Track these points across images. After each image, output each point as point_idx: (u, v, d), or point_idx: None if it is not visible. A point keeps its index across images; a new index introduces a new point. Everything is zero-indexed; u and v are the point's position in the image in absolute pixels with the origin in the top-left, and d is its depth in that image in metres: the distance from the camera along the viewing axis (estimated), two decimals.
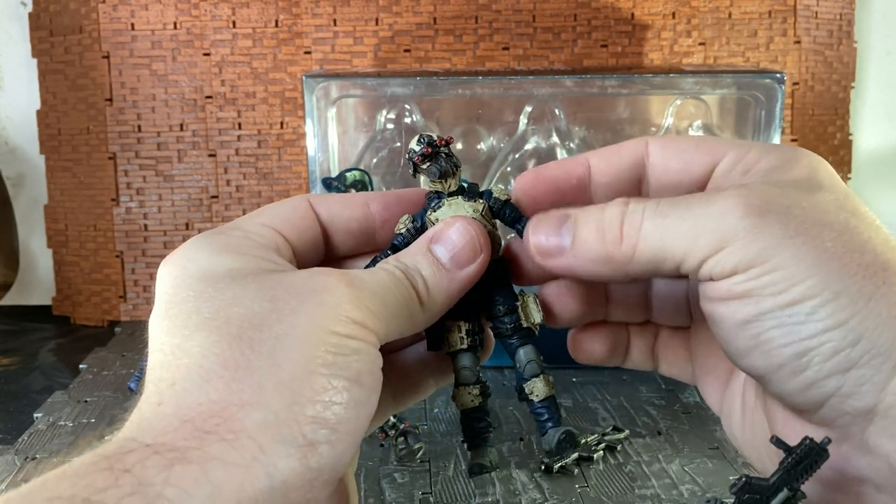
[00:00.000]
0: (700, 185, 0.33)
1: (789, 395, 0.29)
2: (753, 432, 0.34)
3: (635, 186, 0.35)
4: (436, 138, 0.35)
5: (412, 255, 0.33)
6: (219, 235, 0.32)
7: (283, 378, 0.27)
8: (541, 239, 0.33)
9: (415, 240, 0.34)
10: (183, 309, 0.29)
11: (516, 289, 0.36)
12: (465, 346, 0.35)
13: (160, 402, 0.27)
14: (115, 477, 0.24)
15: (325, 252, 0.36)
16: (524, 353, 0.35)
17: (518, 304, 0.35)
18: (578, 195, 0.35)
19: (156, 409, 0.27)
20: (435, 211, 0.35)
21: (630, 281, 0.34)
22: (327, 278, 0.29)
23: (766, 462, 0.33)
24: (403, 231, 0.35)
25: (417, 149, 0.35)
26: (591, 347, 0.37)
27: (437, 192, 0.35)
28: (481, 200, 0.35)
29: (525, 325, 0.35)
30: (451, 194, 0.35)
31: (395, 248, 0.35)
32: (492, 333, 0.36)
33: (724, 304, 0.29)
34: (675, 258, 0.30)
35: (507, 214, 0.35)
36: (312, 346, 0.27)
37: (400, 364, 0.37)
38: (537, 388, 0.34)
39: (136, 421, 0.27)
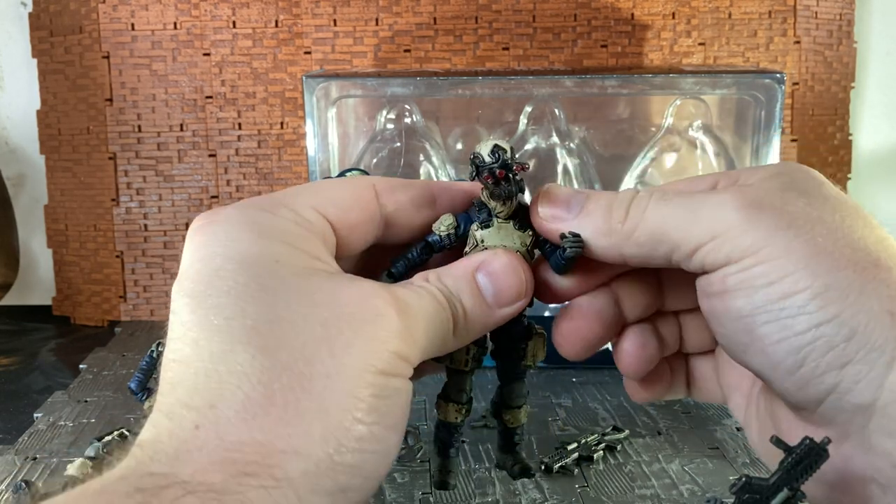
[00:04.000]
0: None
1: (789, 392, 0.29)
2: (765, 439, 0.34)
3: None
4: (513, 164, 0.32)
5: (456, 279, 0.32)
6: (265, 214, 0.30)
7: (329, 426, 0.26)
8: (553, 205, 0.33)
9: (453, 246, 0.33)
10: (226, 303, 0.27)
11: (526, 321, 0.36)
12: (467, 369, 0.35)
13: (198, 425, 0.25)
14: None
15: (375, 240, 0.34)
16: (516, 386, 0.37)
17: (529, 342, 0.36)
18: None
19: (193, 434, 0.25)
20: (482, 229, 0.33)
21: (621, 262, 0.33)
22: (380, 304, 0.28)
23: None
24: (444, 234, 0.33)
25: (488, 160, 0.32)
26: (646, 390, 0.38)
27: (486, 205, 0.33)
28: (530, 232, 0.33)
29: (528, 363, 0.36)
30: (503, 218, 0.33)
31: (429, 247, 0.34)
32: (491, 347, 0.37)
33: (719, 298, 0.30)
34: (671, 243, 0.30)
35: (547, 247, 0.34)
36: (359, 388, 0.26)
37: None
38: (515, 419, 0.37)
39: (171, 444, 0.25)
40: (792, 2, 0.93)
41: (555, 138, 0.83)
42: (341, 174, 0.75)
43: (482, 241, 0.33)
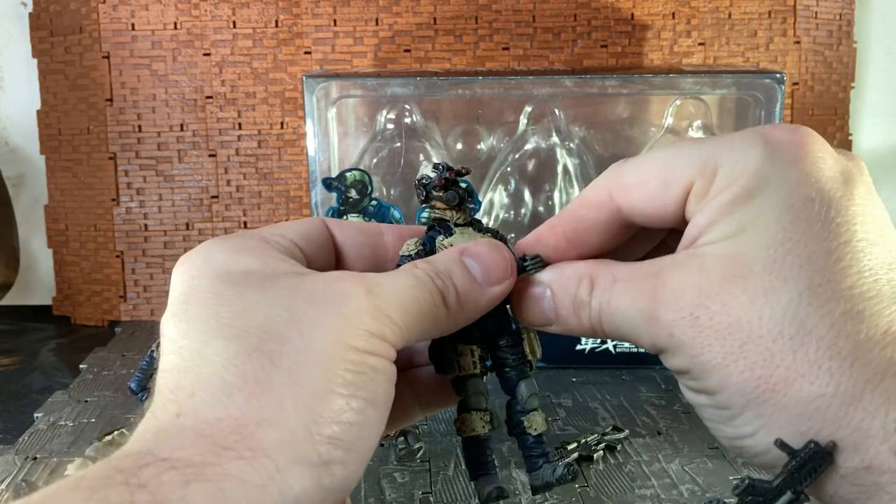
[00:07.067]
0: (678, 211, 0.32)
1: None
2: None
3: (622, 227, 0.34)
4: (456, 168, 0.35)
5: (445, 261, 0.33)
6: (236, 238, 0.32)
7: (302, 396, 0.27)
8: (533, 317, 0.34)
9: None
10: (201, 311, 0.29)
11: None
12: (477, 371, 0.35)
13: (178, 412, 0.27)
14: (130, 492, 0.24)
15: (333, 267, 0.36)
16: (526, 387, 0.35)
17: (523, 338, 0.35)
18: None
19: (174, 421, 0.26)
20: (447, 237, 0.35)
21: None
22: (346, 286, 0.29)
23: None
24: (413, 252, 0.34)
25: (434, 175, 0.34)
26: None
27: (443, 219, 0.35)
28: (489, 234, 0.35)
29: (529, 358, 0.35)
30: (462, 224, 0.35)
31: None
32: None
33: (681, 383, 0.32)
34: (635, 341, 0.33)
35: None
36: (332, 363, 0.27)
37: (427, 373, 0.37)
38: (536, 423, 0.35)
39: (153, 431, 0.27)
40: (792, 2, 0.93)
41: (555, 138, 0.83)
42: (341, 174, 0.75)
43: (450, 245, 0.34)
